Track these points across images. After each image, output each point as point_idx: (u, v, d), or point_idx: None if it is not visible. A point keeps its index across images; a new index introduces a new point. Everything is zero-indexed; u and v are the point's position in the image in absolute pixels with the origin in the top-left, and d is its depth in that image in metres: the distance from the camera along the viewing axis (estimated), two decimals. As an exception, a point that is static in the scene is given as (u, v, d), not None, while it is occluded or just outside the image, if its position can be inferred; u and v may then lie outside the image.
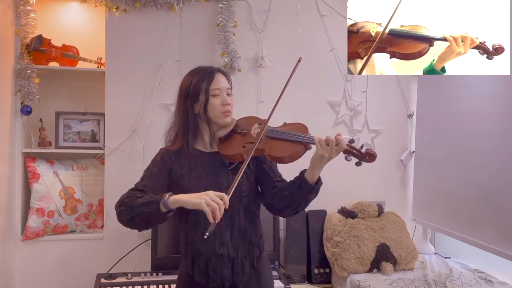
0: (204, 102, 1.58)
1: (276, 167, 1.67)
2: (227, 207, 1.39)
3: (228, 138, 1.64)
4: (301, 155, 1.52)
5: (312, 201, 1.55)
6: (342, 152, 1.46)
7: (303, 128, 1.58)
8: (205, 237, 1.37)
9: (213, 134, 1.62)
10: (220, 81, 1.61)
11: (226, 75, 1.67)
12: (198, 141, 1.64)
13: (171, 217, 1.50)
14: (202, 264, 1.59)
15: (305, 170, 1.51)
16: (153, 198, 1.46)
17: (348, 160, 1.49)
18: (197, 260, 1.60)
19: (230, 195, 1.42)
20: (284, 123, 1.65)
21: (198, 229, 1.57)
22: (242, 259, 1.60)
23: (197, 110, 1.60)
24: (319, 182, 1.51)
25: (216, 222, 1.37)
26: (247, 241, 1.61)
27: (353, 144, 1.49)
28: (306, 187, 1.49)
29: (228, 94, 1.62)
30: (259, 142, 1.54)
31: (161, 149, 1.67)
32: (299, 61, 1.59)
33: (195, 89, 1.59)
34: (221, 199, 1.38)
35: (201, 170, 1.59)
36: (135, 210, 1.47)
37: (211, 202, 1.36)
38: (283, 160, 1.53)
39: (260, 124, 1.62)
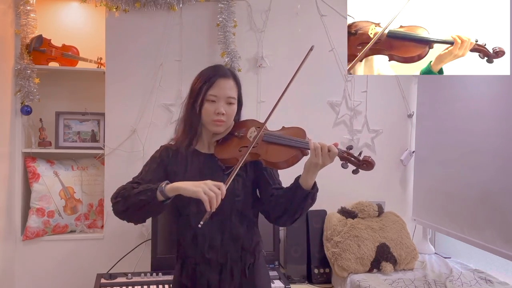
0: (200, 104, 1.55)
1: (277, 174, 1.63)
2: (223, 197, 1.36)
3: (225, 141, 1.60)
4: (298, 161, 1.47)
5: None
6: (339, 159, 1.42)
7: (300, 132, 1.51)
8: (199, 226, 1.34)
9: (209, 137, 1.60)
10: (220, 87, 1.54)
11: (236, 82, 1.60)
12: (199, 141, 1.61)
13: (167, 208, 1.47)
14: (190, 268, 1.57)
15: (300, 175, 1.48)
16: (149, 187, 1.44)
17: (344, 168, 1.43)
18: (186, 263, 1.59)
19: (227, 185, 1.40)
20: (283, 127, 1.60)
21: (188, 230, 1.56)
22: (232, 265, 1.56)
23: (196, 110, 1.57)
24: (314, 188, 1.47)
25: (212, 211, 1.34)
26: (238, 247, 1.56)
27: (350, 151, 1.43)
28: (300, 193, 1.45)
29: (229, 103, 1.56)
30: (254, 147, 1.49)
31: (161, 146, 1.66)
32: (311, 49, 1.52)
33: (197, 90, 1.56)
34: (219, 189, 1.36)
35: (195, 171, 1.56)
36: (131, 199, 1.43)
37: (208, 190, 1.34)
38: (279, 166, 1.48)
39: (258, 127, 1.57)
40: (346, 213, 2.62)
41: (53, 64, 2.60)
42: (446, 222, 2.55)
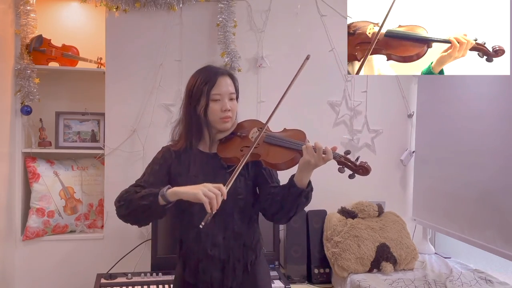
0: (204, 105, 1.58)
1: (276, 173, 1.65)
2: (225, 198, 1.39)
3: (228, 140, 1.63)
4: (297, 163, 1.48)
5: (312, 201, 1.54)
6: (336, 163, 1.44)
7: (301, 135, 1.54)
8: (201, 226, 1.37)
9: (212, 137, 1.63)
10: (222, 85, 1.58)
11: (232, 78, 1.64)
12: (200, 142, 1.64)
13: (170, 211, 1.49)
14: (193, 264, 1.59)
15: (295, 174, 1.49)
16: (152, 191, 1.47)
17: (341, 172, 1.44)
18: (189, 260, 1.61)
19: (228, 187, 1.42)
20: (284, 128, 1.62)
21: (191, 228, 1.58)
22: (234, 262, 1.59)
23: (199, 111, 1.59)
24: (309, 186, 1.48)
25: (214, 212, 1.37)
26: (240, 244, 1.60)
27: (348, 156, 1.44)
28: (294, 191, 1.47)
29: (231, 99, 1.60)
30: (255, 147, 1.52)
31: (163, 147, 1.68)
32: (307, 58, 1.54)
33: (198, 91, 1.58)
34: (219, 190, 1.38)
35: (198, 170, 1.59)
36: (134, 203, 1.47)
37: (208, 192, 1.36)
38: (278, 167, 1.51)
39: (260, 128, 1.59)
40: (346, 213, 2.62)
41: (53, 64, 2.60)
42: (446, 222, 2.55)
